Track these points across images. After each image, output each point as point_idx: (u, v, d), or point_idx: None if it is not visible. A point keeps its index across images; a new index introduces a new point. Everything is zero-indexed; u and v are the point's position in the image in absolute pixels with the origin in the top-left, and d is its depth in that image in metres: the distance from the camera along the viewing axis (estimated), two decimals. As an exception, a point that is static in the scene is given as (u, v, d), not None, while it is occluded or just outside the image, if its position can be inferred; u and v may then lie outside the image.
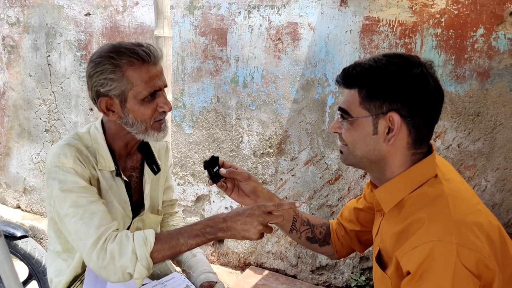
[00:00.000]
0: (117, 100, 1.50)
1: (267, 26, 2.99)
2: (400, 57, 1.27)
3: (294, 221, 1.65)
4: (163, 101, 1.53)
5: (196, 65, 3.25)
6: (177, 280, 1.71)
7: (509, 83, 2.44)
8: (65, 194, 1.45)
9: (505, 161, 2.51)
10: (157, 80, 1.51)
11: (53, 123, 3.92)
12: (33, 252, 2.60)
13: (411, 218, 1.23)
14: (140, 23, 3.39)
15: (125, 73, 1.47)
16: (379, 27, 2.69)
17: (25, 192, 4.18)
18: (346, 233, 1.66)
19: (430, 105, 1.26)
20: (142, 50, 1.49)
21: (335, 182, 2.96)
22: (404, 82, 1.22)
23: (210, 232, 1.41)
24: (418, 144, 1.28)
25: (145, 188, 1.69)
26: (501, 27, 2.43)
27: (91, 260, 1.40)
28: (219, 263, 3.47)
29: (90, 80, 1.51)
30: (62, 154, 1.48)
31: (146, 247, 1.39)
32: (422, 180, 1.28)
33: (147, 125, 1.53)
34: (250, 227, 1.38)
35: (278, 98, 3.03)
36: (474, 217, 1.20)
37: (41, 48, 3.84)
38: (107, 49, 1.51)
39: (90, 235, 1.40)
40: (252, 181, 1.59)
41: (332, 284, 3.10)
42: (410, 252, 1.16)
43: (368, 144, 1.29)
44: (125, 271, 1.38)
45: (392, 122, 1.24)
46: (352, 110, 1.29)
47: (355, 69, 1.28)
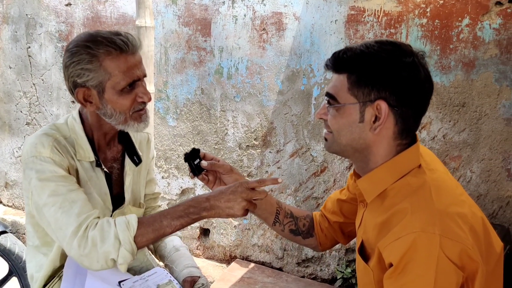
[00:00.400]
0: (94, 91, 1.45)
1: (252, 16, 2.95)
2: (392, 44, 1.24)
3: (277, 213, 1.63)
4: (142, 91, 1.49)
5: (179, 56, 3.20)
6: (160, 275, 1.67)
7: (494, 74, 2.43)
8: (43, 183, 1.40)
9: (490, 152, 2.51)
10: (136, 70, 1.47)
11: (34, 116, 3.84)
12: (13, 248, 2.54)
13: (393, 208, 1.21)
14: (122, 13, 3.32)
15: (102, 63, 1.42)
16: (365, 17, 2.67)
17: (7, 187, 4.10)
18: (329, 225, 1.64)
19: (420, 95, 1.23)
20: (120, 39, 1.44)
21: (320, 174, 2.95)
22: (394, 70, 1.20)
23: (194, 212, 1.37)
24: (404, 135, 1.26)
25: (126, 180, 1.65)
26: (486, 17, 2.41)
27: (72, 248, 1.36)
28: (204, 257, 3.44)
29: (66, 70, 1.46)
30: (39, 144, 1.44)
31: (129, 231, 1.35)
32: (405, 170, 1.25)
33: (126, 115, 1.49)
34: (234, 204, 1.36)
35: (263, 89, 3.00)
36: (457, 207, 1.18)
37: (21, 40, 3.75)
38: (83, 38, 1.46)
39: (70, 224, 1.36)
40: (234, 174, 1.56)
41: (318, 276, 3.09)
42: (393, 243, 1.15)
43: (353, 132, 1.26)
44: (108, 257, 1.34)
45: (380, 111, 1.21)
46: (340, 96, 1.25)
47: (346, 53, 1.25)
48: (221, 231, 3.31)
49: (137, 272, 1.68)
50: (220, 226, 3.30)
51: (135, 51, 1.48)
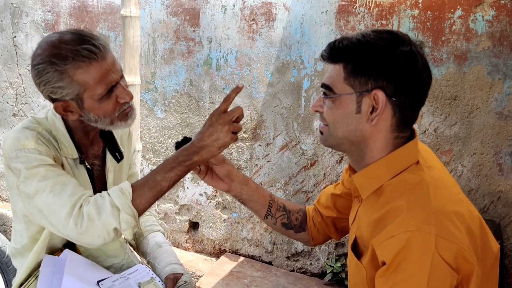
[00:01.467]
0: (73, 103, 1.39)
1: (241, 6, 2.88)
2: (389, 33, 1.20)
3: (269, 206, 1.59)
4: (122, 92, 1.43)
5: (167, 47, 3.14)
6: (141, 272, 1.63)
7: (486, 67, 2.39)
8: (32, 171, 1.35)
9: (481, 146, 2.48)
10: (111, 74, 1.39)
11: (21, 107, 3.77)
12: (-2, 244, 2.50)
13: (389, 205, 1.17)
14: (109, 2, 3.25)
15: (73, 78, 1.35)
16: (356, 8, 2.61)
17: (-6, 179, 4.05)
18: (322, 220, 1.60)
19: (418, 85, 1.18)
20: (86, 48, 1.34)
21: (310, 168, 2.90)
22: (391, 59, 1.15)
23: (185, 159, 1.34)
24: (401, 127, 1.21)
25: (108, 177, 1.61)
26: (479, 8, 2.37)
27: (68, 230, 1.32)
28: (193, 250, 3.40)
29: (38, 87, 1.39)
30: (22, 137, 1.39)
31: (125, 196, 1.32)
32: (403, 166, 1.22)
33: (112, 118, 1.44)
34: (219, 134, 1.32)
35: (252, 81, 2.95)
36: (455, 206, 1.15)
37: (7, 29, 3.67)
38: (47, 52, 1.36)
39: (63, 205, 1.32)
40: (226, 165, 1.51)
41: (307, 270, 3.06)
42: (387, 241, 1.11)
43: (349, 124, 1.21)
44: (109, 228, 1.31)
45: (377, 101, 1.17)
46: (336, 87, 1.21)
47: (342, 42, 1.21)
48: (210, 224, 3.27)
49: (117, 270, 1.64)
50: (210, 220, 3.27)
51: (105, 55, 1.38)
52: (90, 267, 1.50)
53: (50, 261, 1.46)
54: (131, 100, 1.46)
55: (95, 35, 1.40)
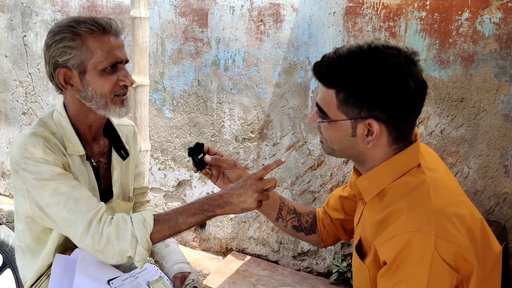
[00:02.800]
0: (76, 72, 1.44)
1: (249, 7, 2.90)
2: (380, 57, 1.19)
3: (280, 209, 1.62)
4: (124, 74, 1.49)
5: (176, 47, 3.16)
6: (150, 271, 1.66)
7: (493, 69, 2.40)
8: (42, 183, 1.39)
9: (487, 147, 2.48)
10: (118, 51, 1.47)
11: (30, 106, 3.82)
12: (6, 240, 2.53)
13: (391, 207, 1.20)
14: (118, 2, 3.28)
15: (85, 41, 1.42)
16: (363, 9, 2.62)
17: (3, 176, 4.09)
18: (331, 222, 1.63)
19: (411, 107, 1.21)
20: (102, 19, 1.46)
21: (317, 168, 2.92)
22: (383, 89, 1.17)
23: (209, 210, 1.40)
24: (400, 140, 1.25)
25: (113, 174, 1.64)
26: (486, 11, 2.37)
27: (85, 245, 1.38)
28: (200, 249, 3.43)
29: (48, 51, 1.45)
30: (29, 144, 1.41)
31: (146, 230, 1.38)
32: (404, 170, 1.24)
33: (107, 99, 1.48)
34: (247, 198, 1.38)
35: (260, 81, 2.97)
36: (455, 208, 1.17)
37: (17, 28, 3.71)
38: (66, 20, 1.47)
39: (79, 221, 1.37)
40: (237, 169, 1.56)
41: (313, 270, 3.08)
42: (388, 241, 1.14)
43: (346, 144, 1.26)
44: (124, 255, 1.38)
45: (372, 127, 1.20)
46: (330, 112, 1.24)
47: (333, 69, 1.21)
48: (217, 223, 3.30)
49: (127, 269, 1.67)
50: (217, 219, 3.29)
51: (118, 34, 1.49)
52: (100, 266, 1.53)
53: (61, 261, 1.49)
54: (131, 85, 1.52)
55: (112, 19, 1.50)
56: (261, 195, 1.40)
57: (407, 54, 1.22)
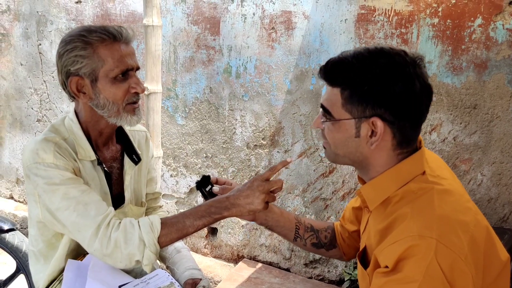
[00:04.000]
0: (87, 80, 1.46)
1: (261, 14, 2.92)
2: (385, 56, 1.20)
3: (297, 228, 1.62)
4: (135, 82, 1.50)
5: (188, 55, 3.19)
6: (161, 277, 1.66)
7: (506, 75, 2.38)
8: (52, 187, 1.41)
9: (501, 155, 2.46)
10: (129, 59, 1.49)
11: (45, 113, 3.86)
12: (20, 246, 2.55)
13: (395, 214, 1.19)
14: (132, 11, 3.32)
15: (96, 50, 1.44)
16: (375, 16, 2.62)
17: (18, 183, 4.14)
18: (349, 235, 1.62)
19: (416, 108, 1.20)
20: (113, 28, 1.48)
21: (329, 175, 2.91)
22: (388, 87, 1.17)
23: (216, 212, 1.41)
24: (404, 145, 1.24)
25: (126, 179, 1.65)
26: (499, 17, 2.36)
27: (93, 249, 1.39)
28: (212, 256, 3.43)
29: (60, 60, 1.47)
30: (40, 150, 1.43)
31: (153, 233, 1.39)
32: (408, 178, 1.23)
33: (119, 107, 1.49)
34: (253, 199, 1.38)
35: (271, 88, 2.97)
36: (460, 215, 1.16)
37: (32, 37, 3.77)
38: (77, 30, 1.49)
39: (88, 226, 1.39)
40: None
41: (325, 277, 3.07)
42: (389, 247, 1.13)
43: (350, 146, 1.24)
44: (132, 259, 1.39)
45: (375, 127, 1.19)
46: (334, 111, 1.24)
47: (338, 67, 1.22)
48: (229, 230, 3.30)
49: (138, 275, 1.67)
50: (228, 226, 3.29)
51: (128, 41, 1.51)
52: (112, 271, 1.54)
53: (73, 266, 1.51)
54: (142, 92, 1.53)
55: (123, 27, 1.52)
56: (268, 197, 1.40)
57: (413, 56, 1.21)
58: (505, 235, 2.19)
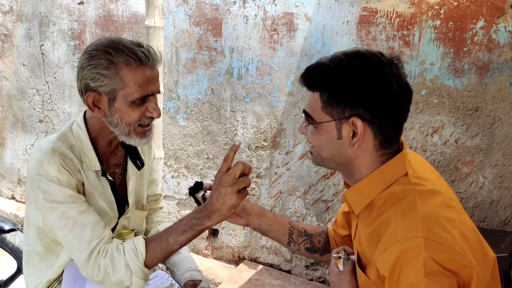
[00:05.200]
0: (105, 97, 1.44)
1: (263, 16, 2.92)
2: (361, 57, 1.22)
3: (290, 233, 1.62)
4: (153, 107, 1.47)
5: (190, 56, 3.19)
6: (161, 278, 1.67)
7: (509, 78, 2.37)
8: (52, 205, 1.41)
9: (503, 157, 2.45)
10: (151, 85, 1.45)
11: (47, 114, 3.87)
12: (21, 246, 2.55)
13: (379, 218, 1.20)
14: (134, 12, 3.32)
15: (119, 72, 1.40)
16: (377, 18, 2.62)
17: (20, 183, 4.15)
18: (342, 240, 1.62)
19: (394, 107, 1.22)
20: (141, 51, 1.42)
21: (330, 177, 2.91)
22: (364, 87, 1.18)
23: (197, 224, 1.38)
24: (386, 145, 1.25)
25: (129, 184, 1.65)
26: (501, 19, 2.35)
27: (86, 274, 1.42)
28: (213, 257, 3.43)
29: (81, 71, 1.44)
30: (45, 161, 1.42)
31: (138, 259, 1.39)
32: (391, 180, 1.24)
33: (130, 128, 1.47)
34: (225, 197, 1.33)
35: (273, 90, 2.97)
36: (444, 212, 1.16)
37: (35, 37, 3.78)
38: (105, 43, 1.44)
39: (82, 250, 1.39)
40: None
41: (326, 279, 3.06)
42: (382, 254, 1.14)
43: (333, 148, 1.26)
44: (122, 285, 1.40)
45: (356, 127, 1.20)
46: (315, 114, 1.25)
47: (316, 71, 1.24)
48: (230, 231, 3.30)
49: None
50: (229, 227, 3.29)
51: (154, 66, 1.46)
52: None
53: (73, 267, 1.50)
54: (158, 117, 1.50)
55: (152, 48, 1.47)
56: (237, 186, 1.33)
57: (390, 57, 1.23)
58: (506, 237, 2.18)
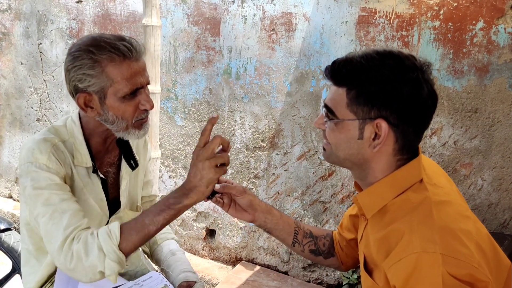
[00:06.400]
0: (96, 97, 1.41)
1: (261, 16, 2.90)
2: (394, 58, 1.17)
3: (295, 233, 1.58)
4: (145, 99, 1.45)
5: (188, 56, 3.17)
6: (155, 279, 1.65)
7: (508, 79, 2.36)
8: (37, 192, 1.37)
9: (502, 159, 2.44)
10: (139, 77, 1.42)
11: (44, 112, 3.85)
12: (16, 246, 2.53)
13: (391, 225, 1.16)
14: (132, 11, 3.31)
15: (104, 69, 1.38)
16: (376, 18, 2.61)
17: (17, 182, 4.13)
18: (347, 243, 1.59)
19: (422, 114, 1.18)
20: (124, 44, 1.39)
21: (328, 178, 2.89)
22: (395, 89, 1.14)
23: (175, 202, 1.30)
24: (404, 151, 1.21)
25: (122, 184, 1.63)
26: (501, 20, 2.34)
27: (59, 263, 1.34)
28: (210, 258, 3.42)
29: (68, 74, 1.42)
30: (36, 149, 1.41)
31: (112, 240, 1.30)
32: (406, 185, 1.21)
33: (128, 123, 1.45)
34: (202, 173, 1.25)
35: (271, 90, 2.96)
36: (460, 224, 1.13)
37: (33, 36, 3.76)
38: (86, 42, 1.41)
39: (57, 237, 1.33)
40: (247, 195, 1.50)
41: (323, 281, 3.04)
42: (395, 265, 1.10)
43: (351, 148, 1.21)
44: (95, 271, 1.31)
45: (380, 129, 1.16)
46: (338, 111, 1.20)
47: (346, 66, 1.18)
48: (227, 232, 3.28)
49: (132, 277, 1.66)
50: (226, 228, 3.28)
51: (139, 58, 1.43)
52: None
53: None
54: (151, 109, 1.47)
55: (134, 39, 1.45)
56: (215, 160, 1.25)
57: (421, 62, 1.19)
58: (505, 240, 2.17)
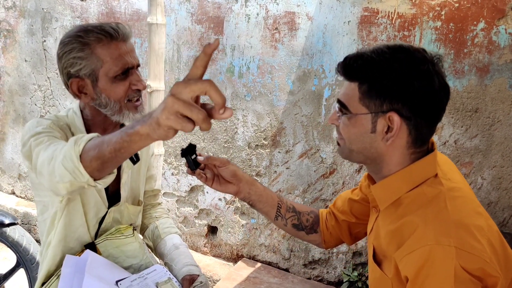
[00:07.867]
0: (88, 80, 1.46)
1: (264, 15, 2.93)
2: (405, 51, 1.19)
3: (278, 207, 1.59)
4: (136, 79, 1.50)
5: (192, 54, 3.20)
6: (159, 272, 1.67)
7: (508, 79, 2.38)
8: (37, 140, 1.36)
9: (502, 159, 2.46)
10: (128, 57, 1.48)
11: (48, 109, 3.88)
12: (21, 240, 2.57)
13: (405, 218, 1.18)
14: (136, 9, 3.33)
15: (93, 51, 1.44)
16: (378, 18, 2.63)
17: (20, 178, 4.16)
18: (337, 223, 1.60)
19: (434, 106, 1.19)
20: (110, 26, 1.46)
21: (329, 176, 2.92)
22: (407, 82, 1.15)
23: (129, 127, 1.07)
24: (418, 144, 1.22)
25: (122, 177, 1.65)
26: (502, 21, 2.36)
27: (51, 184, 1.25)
28: (212, 254, 3.44)
29: (60, 62, 1.47)
30: (38, 122, 1.44)
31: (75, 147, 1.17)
32: (421, 179, 1.22)
33: (121, 104, 1.49)
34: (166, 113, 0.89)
35: (274, 89, 2.98)
36: (474, 220, 1.14)
37: (37, 33, 3.79)
38: (74, 30, 1.48)
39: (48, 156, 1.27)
40: (231, 165, 1.51)
41: (324, 278, 3.07)
42: (408, 256, 1.11)
43: (365, 142, 1.23)
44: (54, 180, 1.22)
45: (392, 122, 1.18)
46: (351, 105, 1.22)
47: (357, 61, 1.21)
48: (229, 229, 3.31)
49: (136, 270, 1.68)
50: (228, 225, 3.30)
51: (126, 39, 1.49)
52: (109, 267, 1.54)
53: (71, 261, 1.51)
54: (144, 89, 1.52)
55: (120, 23, 1.50)
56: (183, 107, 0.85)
57: (432, 55, 1.20)
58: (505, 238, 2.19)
